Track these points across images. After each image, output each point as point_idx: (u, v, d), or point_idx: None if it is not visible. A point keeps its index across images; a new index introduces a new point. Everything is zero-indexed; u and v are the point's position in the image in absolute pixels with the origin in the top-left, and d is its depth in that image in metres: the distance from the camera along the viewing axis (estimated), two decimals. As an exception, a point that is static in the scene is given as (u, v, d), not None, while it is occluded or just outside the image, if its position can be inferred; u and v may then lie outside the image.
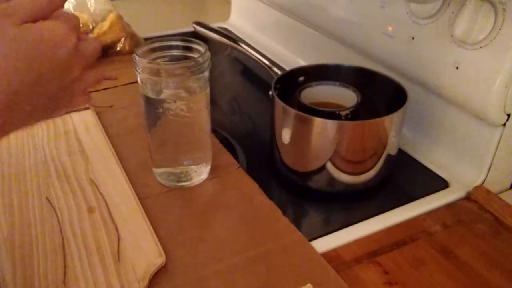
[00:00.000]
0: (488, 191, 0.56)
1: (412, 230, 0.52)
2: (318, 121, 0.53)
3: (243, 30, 1.09)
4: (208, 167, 0.59)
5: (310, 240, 0.49)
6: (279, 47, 0.98)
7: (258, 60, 0.70)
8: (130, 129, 0.69)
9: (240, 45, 0.72)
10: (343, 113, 0.57)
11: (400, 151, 0.64)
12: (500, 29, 0.51)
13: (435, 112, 0.64)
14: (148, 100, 0.52)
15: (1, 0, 0.33)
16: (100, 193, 0.55)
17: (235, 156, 0.64)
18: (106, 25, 0.91)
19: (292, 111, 0.54)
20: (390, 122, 0.54)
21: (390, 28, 0.65)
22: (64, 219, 0.51)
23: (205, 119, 0.56)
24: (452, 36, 0.56)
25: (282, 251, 0.48)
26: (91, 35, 0.91)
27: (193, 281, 0.44)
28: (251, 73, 0.93)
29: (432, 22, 0.59)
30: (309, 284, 0.43)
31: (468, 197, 0.57)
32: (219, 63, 0.98)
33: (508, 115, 0.55)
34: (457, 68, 0.56)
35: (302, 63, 0.90)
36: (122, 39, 0.93)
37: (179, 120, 0.53)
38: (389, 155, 0.57)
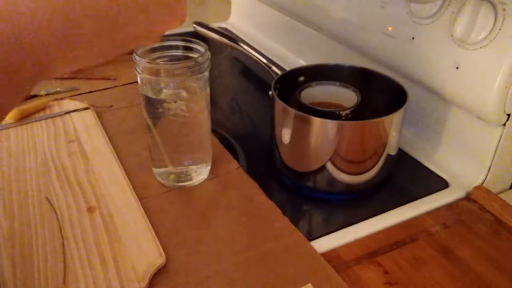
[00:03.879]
0: (488, 191, 0.56)
1: (412, 230, 0.52)
2: (318, 121, 0.53)
3: (243, 30, 1.09)
4: (208, 167, 0.59)
5: (310, 240, 0.49)
6: (279, 47, 0.98)
7: (258, 60, 0.70)
8: (130, 129, 0.69)
9: (240, 45, 0.72)
10: (343, 113, 0.57)
11: (400, 151, 0.64)
12: (500, 29, 0.51)
13: (435, 112, 0.64)
14: (148, 100, 0.52)
15: None
16: (100, 193, 0.55)
17: (235, 156, 0.64)
18: (106, 25, 0.91)
19: (292, 111, 0.54)
20: (390, 122, 0.54)
21: (390, 28, 0.65)
22: (64, 219, 0.51)
23: (205, 119, 0.56)
24: (452, 36, 0.56)
25: (282, 251, 0.48)
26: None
27: (193, 281, 0.44)
28: (251, 73, 0.93)
29: (432, 22, 0.59)
30: (309, 284, 0.43)
31: (468, 197, 0.57)
32: (219, 63, 0.98)
33: (508, 115, 0.55)
34: (457, 68, 0.56)
35: (302, 63, 0.90)
36: (122, 39, 0.93)
37: (179, 120, 0.53)
38: (389, 155, 0.57)
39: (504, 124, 0.55)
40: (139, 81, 0.52)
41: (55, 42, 0.24)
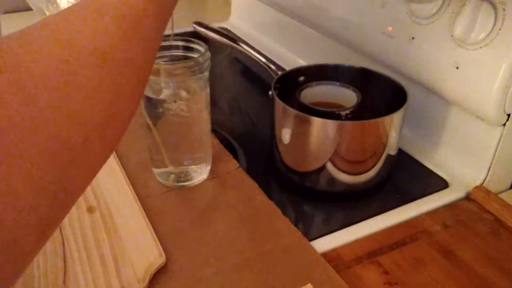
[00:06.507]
0: (488, 191, 0.56)
1: (412, 230, 0.52)
2: (318, 121, 0.53)
3: (243, 30, 1.09)
4: (208, 167, 0.59)
5: (310, 240, 0.49)
6: (279, 47, 0.98)
7: (258, 60, 0.70)
8: (130, 128, 0.68)
9: (240, 45, 0.72)
10: (343, 113, 0.57)
11: (400, 151, 0.64)
12: (500, 29, 0.51)
13: (435, 112, 0.64)
14: (148, 100, 0.52)
15: None
16: (100, 193, 0.55)
17: (235, 156, 0.64)
18: (106, 25, 0.91)
19: (292, 111, 0.54)
20: (390, 122, 0.54)
21: (390, 28, 0.65)
22: (64, 219, 0.51)
23: (205, 119, 0.56)
24: (452, 36, 0.56)
25: (282, 251, 0.48)
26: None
27: (193, 281, 0.44)
28: (251, 73, 0.93)
29: (432, 22, 0.59)
30: (309, 284, 0.43)
31: (468, 197, 0.57)
32: (219, 63, 0.98)
33: (508, 115, 0.55)
34: (457, 68, 0.56)
35: (302, 63, 0.90)
36: (122, 39, 0.92)
37: (179, 120, 0.53)
38: (389, 155, 0.57)
39: (504, 124, 0.55)
40: (139, 81, 0.52)
41: None
